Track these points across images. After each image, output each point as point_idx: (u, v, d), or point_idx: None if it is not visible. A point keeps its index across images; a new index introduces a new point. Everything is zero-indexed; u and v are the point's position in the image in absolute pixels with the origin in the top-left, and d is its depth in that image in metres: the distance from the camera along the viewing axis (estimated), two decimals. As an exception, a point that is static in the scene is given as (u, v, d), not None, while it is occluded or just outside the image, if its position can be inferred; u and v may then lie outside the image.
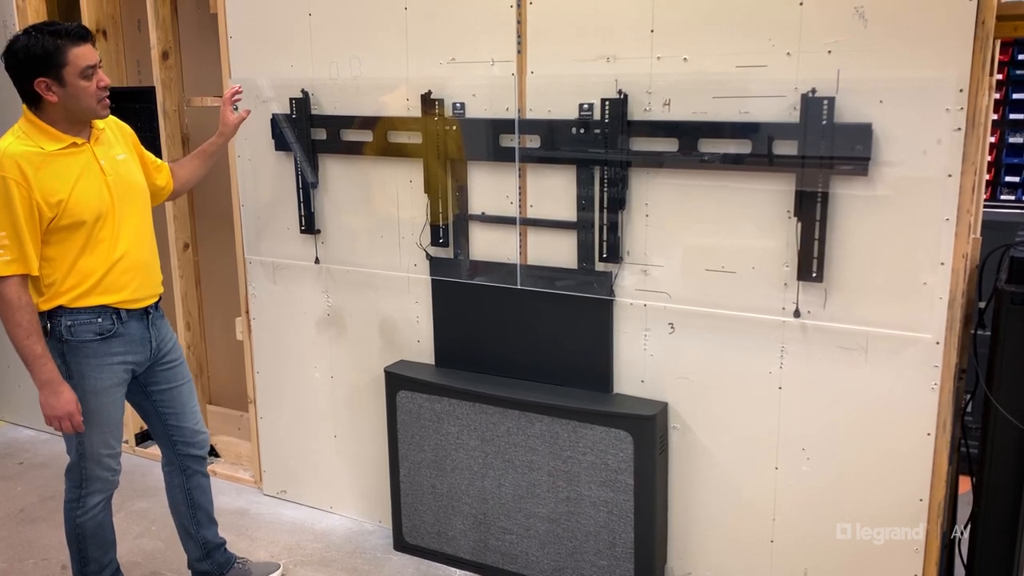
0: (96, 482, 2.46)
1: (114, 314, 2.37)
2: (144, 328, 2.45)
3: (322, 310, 3.14)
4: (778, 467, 2.44)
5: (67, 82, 2.23)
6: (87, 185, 2.30)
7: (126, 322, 2.39)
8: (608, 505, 2.57)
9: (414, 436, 2.88)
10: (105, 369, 2.38)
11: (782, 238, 2.31)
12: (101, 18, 3.62)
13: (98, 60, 2.29)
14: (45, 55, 2.21)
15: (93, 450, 2.43)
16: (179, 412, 2.59)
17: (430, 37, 2.70)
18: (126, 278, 2.38)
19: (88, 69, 2.25)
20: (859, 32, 2.11)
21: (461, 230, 2.78)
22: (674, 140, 2.38)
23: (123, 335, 2.39)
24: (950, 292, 2.15)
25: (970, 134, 2.06)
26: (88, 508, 2.48)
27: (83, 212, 2.27)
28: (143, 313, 2.45)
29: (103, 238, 2.33)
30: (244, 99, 3.10)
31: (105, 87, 2.29)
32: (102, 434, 2.42)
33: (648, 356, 2.57)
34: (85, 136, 2.34)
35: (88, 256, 2.31)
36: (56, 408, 2.29)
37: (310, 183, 3.02)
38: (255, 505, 3.39)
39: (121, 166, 2.41)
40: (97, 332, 2.34)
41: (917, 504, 2.28)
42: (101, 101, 2.29)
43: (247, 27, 3.05)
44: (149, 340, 2.47)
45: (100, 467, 2.45)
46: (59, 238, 2.28)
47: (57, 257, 2.29)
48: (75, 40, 2.24)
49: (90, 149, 2.34)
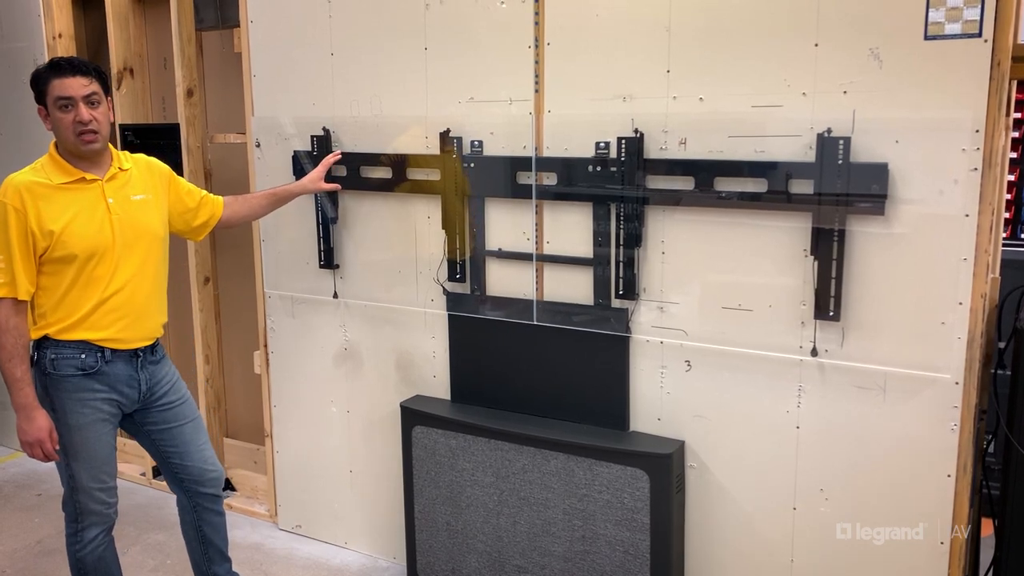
0: (90, 515, 2.45)
1: (98, 352, 2.36)
2: (132, 369, 2.43)
3: (339, 344, 3.16)
4: (796, 508, 2.42)
5: (50, 112, 2.30)
6: (86, 221, 2.31)
7: (111, 361, 2.38)
8: (624, 544, 2.54)
9: (429, 472, 2.87)
10: (86, 405, 2.37)
11: (799, 276, 2.31)
12: (129, 56, 3.71)
13: (84, 95, 2.28)
14: (35, 84, 2.32)
15: (83, 484, 2.41)
16: (183, 451, 2.57)
17: (449, 77, 2.74)
18: (112, 317, 2.37)
19: (61, 100, 2.27)
20: (874, 73, 2.13)
21: (478, 266, 2.80)
22: (690, 178, 2.40)
23: (106, 373, 2.38)
24: (969, 332, 2.13)
25: (987, 174, 2.06)
26: (86, 542, 2.46)
27: (75, 246, 2.29)
28: (132, 355, 2.43)
29: (98, 275, 2.33)
30: (265, 136, 3.16)
31: (80, 122, 2.27)
32: (90, 469, 2.41)
33: (665, 394, 2.56)
34: (99, 172, 2.36)
35: (79, 291, 2.32)
36: (28, 433, 2.30)
37: (330, 218, 3.05)
38: (270, 540, 3.38)
39: (134, 207, 2.41)
40: (79, 368, 2.34)
41: (938, 547, 2.24)
42: (80, 135, 2.28)
43: (270, 66, 3.12)
44: (137, 382, 2.44)
45: (92, 501, 2.44)
46: (52, 269, 2.30)
47: (50, 287, 2.32)
48: (59, 72, 2.28)
49: (100, 186, 2.36)
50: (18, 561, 3.26)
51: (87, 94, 2.29)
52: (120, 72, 3.68)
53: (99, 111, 2.32)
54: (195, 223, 2.65)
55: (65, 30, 3.79)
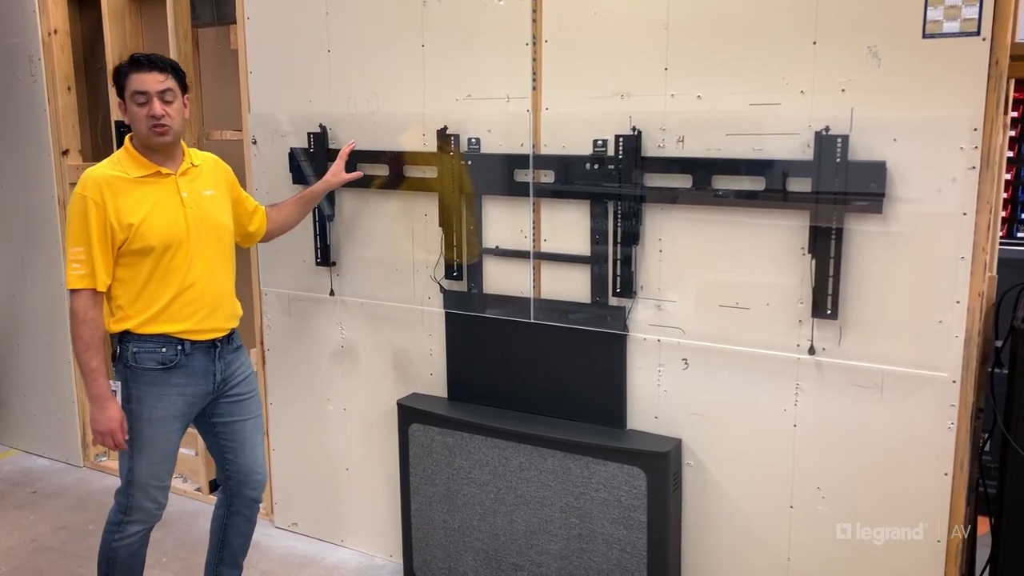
0: (139, 511, 2.48)
1: (178, 345, 2.41)
2: (209, 361, 2.48)
3: (336, 342, 3.16)
4: (793, 506, 2.42)
5: (127, 105, 2.37)
6: (162, 213, 2.37)
7: (189, 354, 2.43)
8: (621, 543, 2.54)
9: (426, 470, 2.87)
10: (163, 399, 2.42)
11: (796, 275, 2.31)
12: (124, 53, 3.67)
13: (158, 90, 2.34)
14: (115, 78, 2.39)
15: (141, 479, 2.45)
16: (238, 447, 2.61)
17: (446, 74, 2.73)
18: (190, 309, 2.42)
19: (137, 94, 2.34)
20: (873, 71, 2.13)
21: (475, 264, 2.79)
22: (688, 176, 2.39)
23: (185, 367, 2.43)
24: (966, 330, 2.13)
25: (985, 172, 2.06)
26: (127, 535, 2.49)
27: (152, 238, 2.34)
28: (210, 345, 2.48)
29: (175, 267, 2.38)
30: (262, 133, 3.15)
31: (153, 116, 2.34)
32: (151, 464, 2.45)
33: (662, 392, 2.56)
34: (172, 167, 2.42)
35: (156, 283, 2.37)
36: (100, 423, 2.35)
37: (327, 216, 3.05)
38: (266, 538, 3.38)
39: (205, 201, 2.47)
40: (159, 362, 2.39)
41: (935, 546, 2.24)
42: (152, 128, 2.34)
43: (267, 62, 3.11)
44: (213, 373, 2.49)
45: (146, 497, 2.47)
46: (129, 261, 2.35)
47: (127, 280, 2.37)
48: (138, 68, 2.35)
49: (174, 180, 2.42)
50: (13, 559, 3.26)
51: (162, 90, 2.35)
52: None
53: (172, 107, 2.37)
54: (249, 228, 2.71)
55: (60, 26, 3.77)
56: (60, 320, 3.94)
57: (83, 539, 3.39)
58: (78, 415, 4.02)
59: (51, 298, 3.97)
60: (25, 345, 4.16)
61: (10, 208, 4.06)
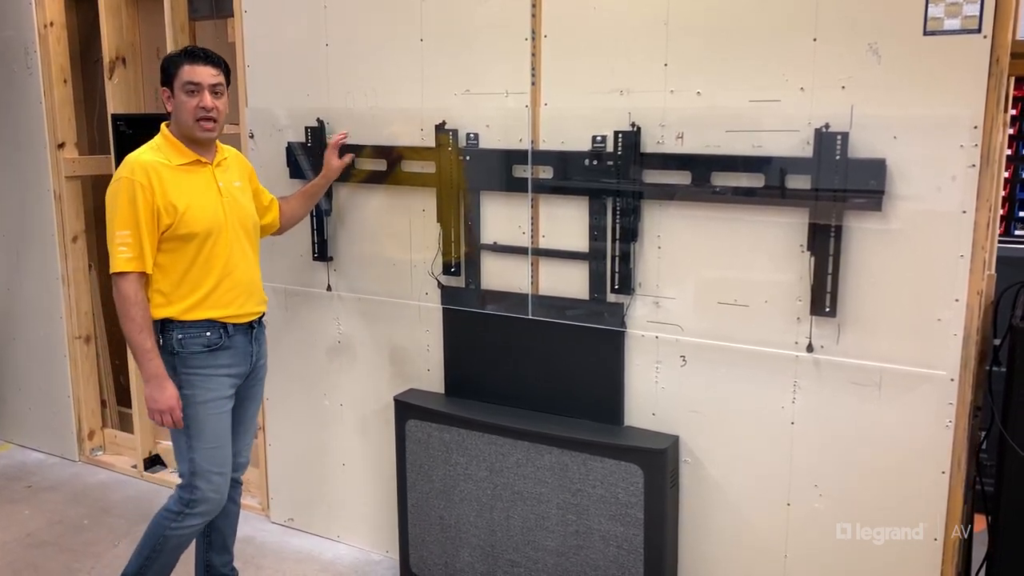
0: (203, 503, 2.49)
1: (221, 328, 2.46)
2: (248, 342, 2.55)
3: (333, 337, 3.15)
4: (790, 503, 2.42)
5: (175, 94, 2.40)
6: (204, 201, 2.42)
7: (232, 336, 2.49)
8: (618, 539, 2.54)
9: (422, 466, 2.86)
10: (212, 380, 2.46)
11: (795, 272, 2.30)
12: (121, 46, 3.68)
13: (210, 84, 2.39)
14: (166, 67, 2.42)
15: (203, 467, 2.47)
16: (235, 428, 2.61)
17: (445, 68, 2.72)
18: (232, 295, 2.48)
19: (189, 85, 2.37)
20: (873, 68, 2.12)
21: (473, 259, 2.78)
22: (687, 173, 2.39)
23: (229, 348, 2.49)
24: (965, 329, 2.13)
25: (984, 171, 2.05)
26: (185, 526, 2.50)
27: (196, 224, 2.38)
28: (248, 327, 2.55)
29: (217, 254, 2.43)
30: (259, 127, 3.14)
31: (203, 107, 2.38)
32: (211, 449, 2.47)
33: (659, 389, 2.55)
34: (209, 158, 2.46)
35: (199, 269, 2.41)
36: (159, 402, 2.37)
37: (324, 211, 3.04)
38: (261, 533, 3.37)
39: (237, 192, 2.53)
40: (205, 345, 2.44)
41: (932, 544, 2.24)
42: (198, 121, 2.39)
43: (264, 56, 3.09)
44: (251, 354, 2.57)
45: (210, 487, 2.48)
46: (172, 247, 2.38)
47: (168, 265, 2.39)
48: (193, 59, 2.39)
49: (211, 170, 2.47)
50: (8, 553, 3.25)
51: (213, 83, 2.40)
52: (112, 61, 3.65)
53: (220, 102, 2.43)
54: (264, 221, 2.74)
55: (56, 18, 3.75)
56: (55, 314, 3.93)
57: (78, 534, 3.38)
58: (73, 409, 4.01)
59: (46, 292, 3.95)
60: (20, 339, 4.15)
61: (5, 201, 4.04)
